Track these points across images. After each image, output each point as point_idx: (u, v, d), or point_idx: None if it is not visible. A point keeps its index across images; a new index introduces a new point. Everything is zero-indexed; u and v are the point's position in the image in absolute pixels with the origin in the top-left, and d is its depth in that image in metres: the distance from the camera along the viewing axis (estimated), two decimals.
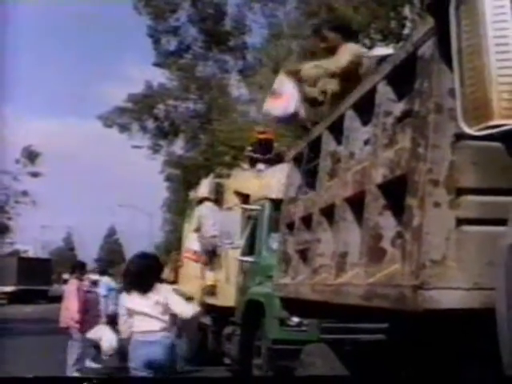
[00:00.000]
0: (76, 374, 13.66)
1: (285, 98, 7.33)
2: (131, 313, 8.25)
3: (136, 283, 8.20)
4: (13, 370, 14.77)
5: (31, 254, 71.43)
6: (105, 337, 14.62)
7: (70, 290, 14.48)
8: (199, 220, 15.59)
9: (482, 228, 3.55)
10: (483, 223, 3.54)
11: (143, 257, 8.78)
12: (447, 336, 5.00)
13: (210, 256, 15.23)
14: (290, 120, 7.64)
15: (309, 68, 7.29)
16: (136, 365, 7.96)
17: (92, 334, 14.73)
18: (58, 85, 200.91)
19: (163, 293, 8.15)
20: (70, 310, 14.18)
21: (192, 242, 16.32)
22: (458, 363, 5.12)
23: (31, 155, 61.56)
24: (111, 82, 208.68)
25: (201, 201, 16.78)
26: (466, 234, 3.55)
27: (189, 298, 16.82)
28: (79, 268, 15.38)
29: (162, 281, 8.76)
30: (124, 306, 8.55)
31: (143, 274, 8.22)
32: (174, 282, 17.92)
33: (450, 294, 3.53)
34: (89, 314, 14.85)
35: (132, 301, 8.22)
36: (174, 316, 8.17)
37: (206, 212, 15.43)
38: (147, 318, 8.01)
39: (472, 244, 3.54)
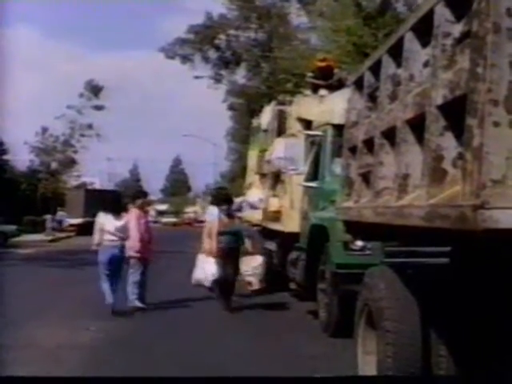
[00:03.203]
0: (136, 302, 13.87)
1: None
2: (104, 228, 13.71)
3: (112, 210, 14.03)
4: (82, 297, 15.24)
5: (98, 186, 72.21)
6: (206, 266, 14.23)
7: (130, 220, 14.16)
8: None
9: None
10: None
11: (116, 192, 18.20)
12: (508, 258, 5.01)
13: (275, 181, 15.36)
14: None
15: None
16: (103, 259, 13.61)
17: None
18: (120, 19, 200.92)
19: (125, 219, 13.92)
20: (130, 239, 13.96)
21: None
22: None
23: (95, 89, 62.25)
24: (171, 14, 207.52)
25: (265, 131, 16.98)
26: None
27: (256, 225, 17.05)
28: (142, 197, 15.10)
29: (125, 210, 14.56)
30: (100, 223, 13.85)
31: (118, 204, 15.07)
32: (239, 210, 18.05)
33: (510, 213, 3.55)
34: (150, 243, 14.63)
35: (106, 221, 13.75)
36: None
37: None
38: (113, 233, 13.66)
39: None
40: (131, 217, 14.24)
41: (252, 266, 14.46)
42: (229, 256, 13.98)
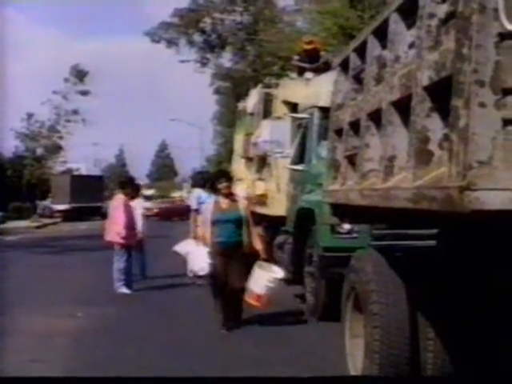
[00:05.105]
0: (123, 289, 13.87)
1: None
2: None
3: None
4: (70, 283, 15.22)
5: (84, 171, 72.29)
6: (193, 253, 11.61)
7: (117, 205, 14.30)
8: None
9: None
10: None
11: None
12: (495, 240, 5.01)
13: (261, 164, 15.33)
14: None
15: None
16: None
17: (179, 248, 12.53)
18: (105, 3, 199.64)
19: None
20: (116, 224, 14.05)
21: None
22: (505, 268, 5.15)
23: (80, 74, 61.93)
24: None
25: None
26: None
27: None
28: (129, 183, 15.21)
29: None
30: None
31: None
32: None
33: (497, 195, 3.54)
34: (135, 229, 14.76)
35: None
36: None
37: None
38: None
39: None
40: (117, 203, 14.25)
41: (267, 279, 10.56)
42: (228, 255, 10.56)
